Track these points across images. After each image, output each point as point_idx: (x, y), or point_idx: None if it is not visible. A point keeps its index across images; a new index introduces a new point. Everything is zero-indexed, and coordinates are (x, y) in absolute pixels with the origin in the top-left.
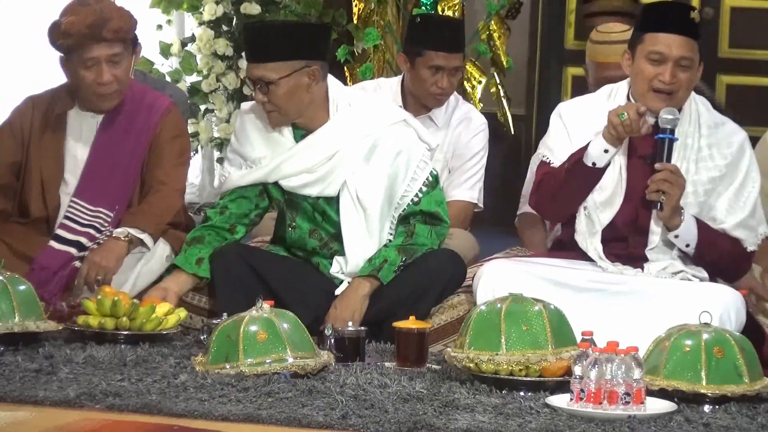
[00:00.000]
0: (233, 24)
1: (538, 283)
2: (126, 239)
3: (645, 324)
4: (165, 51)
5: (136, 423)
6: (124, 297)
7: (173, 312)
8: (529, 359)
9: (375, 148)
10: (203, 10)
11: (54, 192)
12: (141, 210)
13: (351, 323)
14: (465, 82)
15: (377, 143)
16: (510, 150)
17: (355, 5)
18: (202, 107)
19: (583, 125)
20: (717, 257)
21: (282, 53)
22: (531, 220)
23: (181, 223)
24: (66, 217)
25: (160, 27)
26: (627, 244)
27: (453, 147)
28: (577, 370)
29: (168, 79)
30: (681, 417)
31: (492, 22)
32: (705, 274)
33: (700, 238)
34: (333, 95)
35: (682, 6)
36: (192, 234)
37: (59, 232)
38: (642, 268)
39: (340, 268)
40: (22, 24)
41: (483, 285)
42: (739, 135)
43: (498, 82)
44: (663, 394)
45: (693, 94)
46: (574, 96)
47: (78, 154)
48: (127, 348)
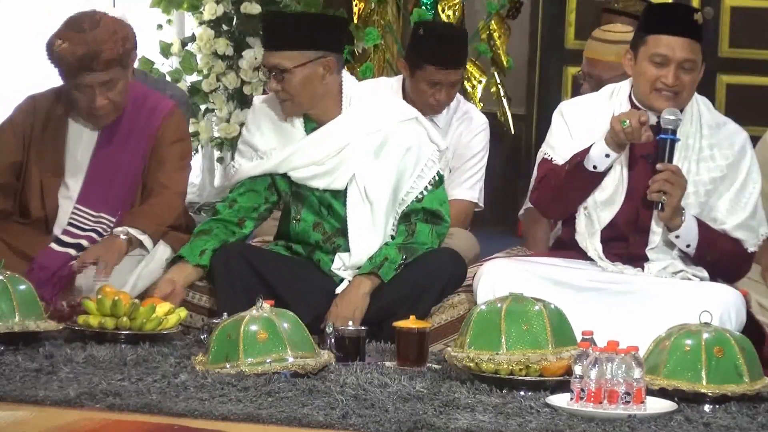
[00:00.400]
0: (233, 24)
1: (538, 283)
2: (125, 237)
3: (645, 323)
4: (165, 50)
5: (136, 423)
6: (124, 297)
7: (173, 311)
8: (530, 359)
9: (385, 143)
10: (203, 9)
11: (53, 194)
12: (141, 211)
13: (351, 322)
14: (465, 81)
15: (387, 139)
16: (510, 150)
17: (356, 5)
18: (202, 107)
19: (585, 124)
20: (717, 258)
21: (299, 42)
22: (535, 215)
23: (182, 225)
24: (70, 224)
25: (160, 27)
26: (627, 243)
27: (454, 147)
28: (578, 369)
29: (168, 79)
30: (681, 416)
31: (492, 21)
32: (705, 273)
33: (700, 238)
34: (347, 89)
35: (685, 8)
36: (200, 227)
37: (62, 237)
38: (642, 267)
39: (342, 264)
40: (22, 24)
41: (483, 284)
42: (741, 135)
43: (498, 81)
44: (663, 393)
45: (695, 94)
46: (574, 96)
47: (79, 157)
48: (128, 348)
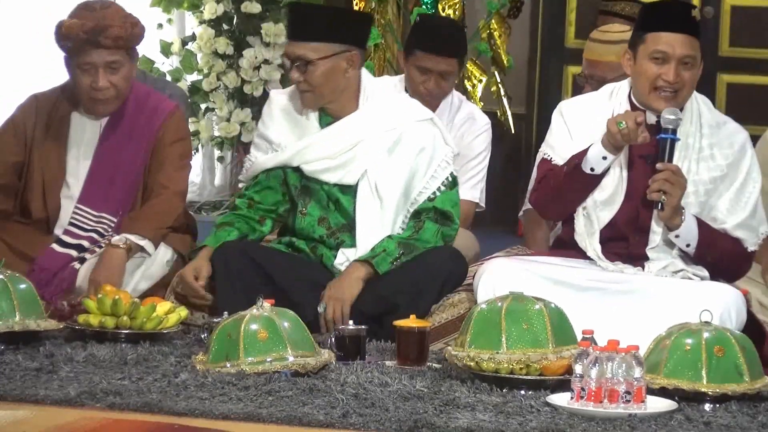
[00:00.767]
0: (234, 23)
1: (538, 282)
2: (125, 246)
3: (645, 323)
4: (165, 50)
5: (136, 422)
6: (124, 296)
7: (174, 311)
8: (530, 358)
9: (399, 141)
10: (204, 8)
11: (55, 194)
12: (141, 215)
13: (351, 322)
14: (465, 80)
15: (402, 137)
16: (510, 149)
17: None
18: (202, 106)
19: (584, 123)
20: (717, 257)
21: (325, 34)
22: (535, 217)
23: (182, 225)
24: (71, 224)
25: (160, 26)
26: (628, 243)
27: (456, 147)
28: (578, 368)
29: (168, 78)
30: (681, 416)
31: (492, 21)
32: (705, 272)
33: (700, 238)
34: (364, 85)
35: (682, 5)
36: (222, 219)
37: (64, 237)
38: (642, 266)
39: (345, 259)
40: (22, 24)
41: (484, 284)
42: (741, 135)
43: (498, 81)
44: (663, 392)
45: (695, 93)
46: (574, 95)
47: (80, 157)
48: (128, 347)
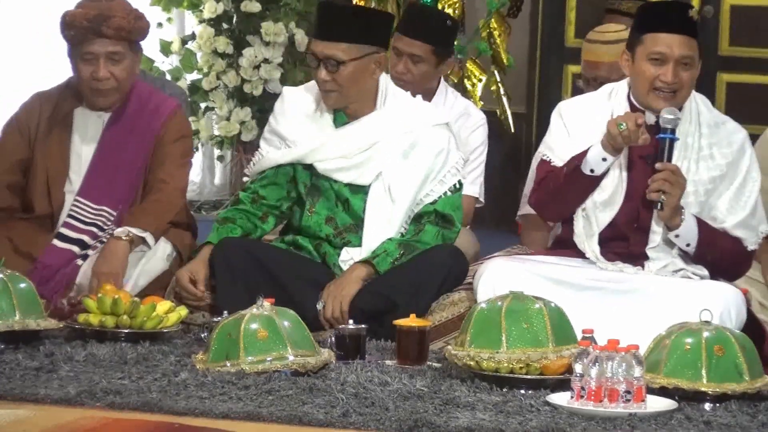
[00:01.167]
0: (233, 22)
1: (538, 282)
2: (127, 238)
3: (645, 322)
4: (165, 49)
5: (136, 421)
6: (124, 295)
7: (174, 310)
8: (530, 357)
9: (415, 145)
10: (203, 7)
11: (59, 190)
12: (142, 209)
13: (351, 321)
14: (465, 80)
15: (417, 141)
16: (510, 148)
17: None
18: (202, 105)
19: (583, 124)
20: (718, 256)
21: (358, 36)
22: (533, 221)
23: (183, 223)
24: (70, 216)
25: (160, 25)
26: (628, 242)
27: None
28: (578, 368)
29: (168, 77)
30: (681, 415)
31: (492, 19)
32: (705, 272)
33: (700, 237)
34: (382, 86)
35: (680, 5)
36: (224, 214)
37: (63, 230)
38: (642, 266)
39: (350, 257)
40: (22, 24)
41: (484, 283)
42: (740, 134)
43: (498, 80)
44: (663, 392)
45: (693, 93)
46: (574, 94)
47: (83, 152)
48: (128, 346)
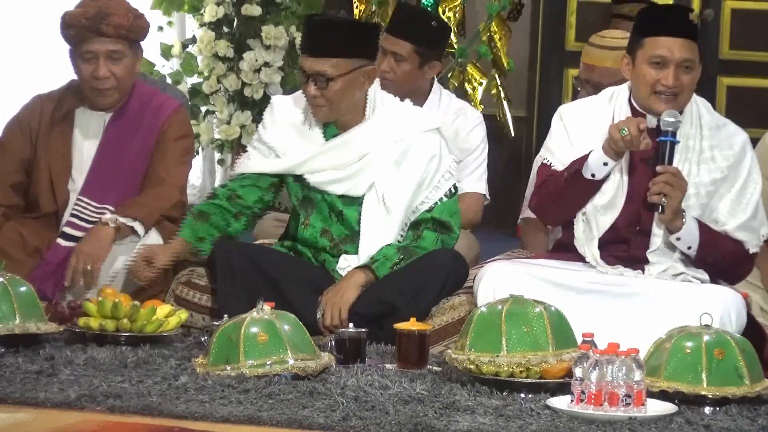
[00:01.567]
0: (234, 25)
1: (538, 285)
2: (114, 225)
3: (646, 326)
4: (166, 52)
5: (136, 425)
6: (125, 298)
7: (174, 314)
8: (530, 361)
9: (407, 153)
10: (204, 11)
11: (62, 188)
12: (134, 200)
13: (351, 325)
14: (466, 83)
15: (410, 148)
16: (510, 152)
17: (356, 6)
18: (202, 109)
19: (584, 127)
20: (719, 259)
21: (346, 50)
22: (534, 225)
23: (179, 219)
24: (73, 215)
25: (161, 28)
26: (628, 246)
27: (452, 143)
28: (578, 371)
29: (169, 81)
30: (682, 419)
31: (493, 23)
32: (706, 276)
33: (701, 240)
34: (370, 96)
35: (680, 8)
36: (199, 207)
37: (66, 229)
38: (642, 270)
39: (347, 264)
40: (22, 24)
41: (484, 286)
42: (741, 136)
43: (499, 83)
44: (664, 395)
45: (694, 96)
46: (574, 98)
47: (85, 151)
48: (128, 349)
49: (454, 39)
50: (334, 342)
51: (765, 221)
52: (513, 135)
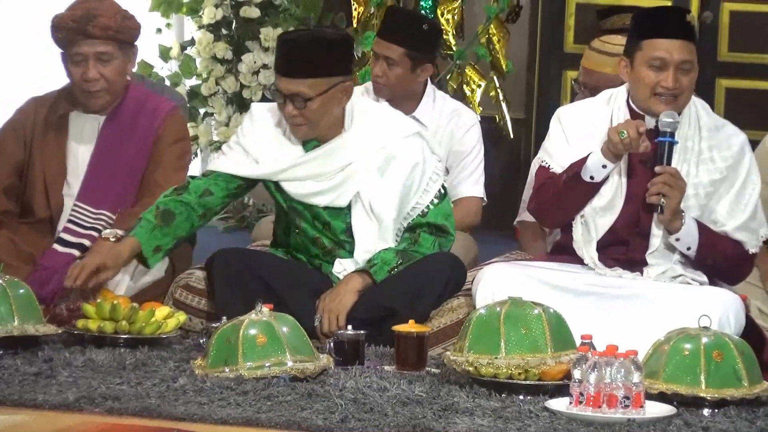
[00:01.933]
0: (232, 27)
1: (537, 287)
2: (114, 239)
3: (644, 328)
4: (164, 54)
5: (135, 426)
6: (123, 300)
7: (172, 316)
8: (529, 363)
9: (391, 160)
10: (202, 13)
11: (57, 193)
12: (134, 212)
13: (350, 327)
14: (464, 85)
15: (393, 156)
16: (509, 154)
17: (355, 9)
18: (201, 111)
19: (582, 129)
20: (718, 260)
21: (322, 69)
22: (531, 228)
23: None
24: (70, 221)
25: (159, 30)
26: (627, 248)
27: (447, 145)
28: (577, 373)
29: (167, 83)
30: (680, 421)
31: (491, 25)
32: (704, 278)
33: (701, 241)
34: (349, 108)
35: (677, 10)
36: (166, 203)
37: (63, 235)
38: (641, 272)
39: (343, 268)
40: (22, 24)
41: (482, 289)
42: (739, 137)
43: (497, 85)
44: (662, 397)
45: (693, 97)
46: (573, 100)
47: (80, 155)
48: (127, 351)
49: (452, 41)
50: (332, 344)
51: (764, 222)
52: (512, 137)
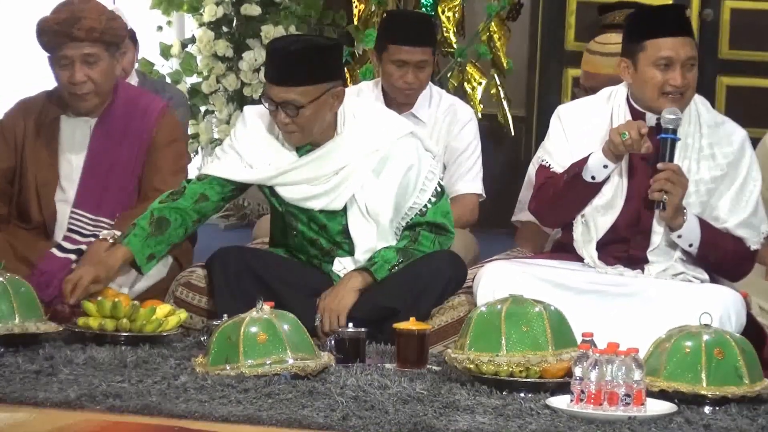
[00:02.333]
0: (233, 25)
1: (538, 285)
2: (112, 241)
3: (645, 325)
4: (165, 52)
5: (136, 424)
6: (124, 298)
7: (173, 313)
8: (530, 360)
9: (385, 162)
10: (203, 11)
11: (49, 199)
12: (133, 215)
13: (351, 324)
14: (465, 83)
15: (387, 157)
16: (510, 151)
17: (355, 6)
18: (202, 108)
19: (582, 128)
20: (720, 256)
21: (313, 76)
22: (528, 227)
23: None
24: (69, 230)
25: (160, 28)
26: (628, 245)
27: (444, 141)
28: (578, 371)
29: (168, 81)
30: (681, 418)
31: (492, 23)
32: (705, 275)
33: (703, 237)
34: (341, 112)
35: (676, 7)
36: (160, 210)
37: (63, 243)
38: (642, 269)
39: (342, 267)
40: (22, 24)
41: (483, 286)
42: (740, 133)
43: (498, 83)
44: (663, 395)
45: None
46: (574, 98)
47: (73, 160)
48: (128, 349)
49: (453, 39)
50: (333, 342)
51: (765, 218)
52: (513, 135)
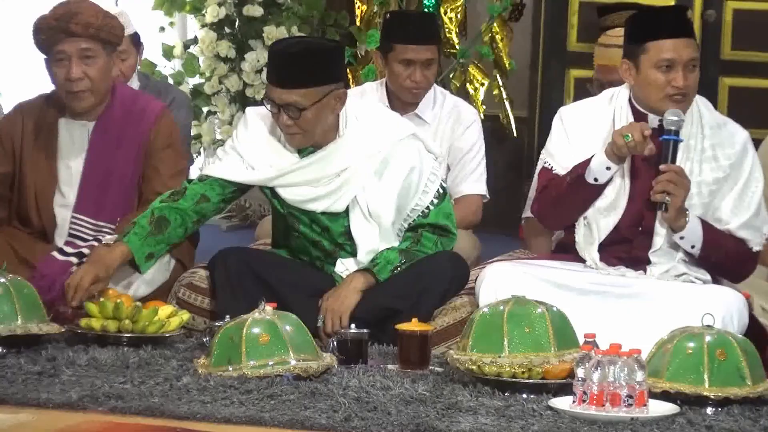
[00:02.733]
0: (236, 26)
1: (540, 286)
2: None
3: (647, 326)
4: (167, 53)
5: (138, 425)
6: (126, 299)
7: (176, 314)
8: (532, 361)
9: (387, 164)
10: (206, 12)
11: (47, 204)
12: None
13: (353, 325)
14: (467, 84)
15: (389, 159)
16: (512, 152)
17: (358, 7)
18: (204, 109)
19: (584, 129)
20: (722, 258)
21: (315, 78)
22: (537, 226)
23: None
24: (71, 235)
25: (162, 29)
26: (630, 246)
27: (448, 141)
28: (580, 372)
29: (170, 81)
30: (683, 419)
31: (494, 24)
32: (708, 276)
33: (705, 239)
34: (343, 113)
35: (677, 8)
36: (161, 210)
37: (65, 248)
38: (644, 270)
39: (345, 268)
40: (22, 24)
41: (485, 287)
42: (742, 135)
43: (500, 84)
44: (665, 396)
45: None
46: (576, 98)
47: (72, 164)
48: (130, 350)
49: (455, 39)
50: (335, 342)
51: (767, 219)
52: (515, 135)
